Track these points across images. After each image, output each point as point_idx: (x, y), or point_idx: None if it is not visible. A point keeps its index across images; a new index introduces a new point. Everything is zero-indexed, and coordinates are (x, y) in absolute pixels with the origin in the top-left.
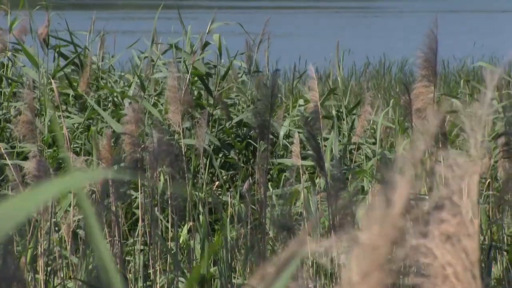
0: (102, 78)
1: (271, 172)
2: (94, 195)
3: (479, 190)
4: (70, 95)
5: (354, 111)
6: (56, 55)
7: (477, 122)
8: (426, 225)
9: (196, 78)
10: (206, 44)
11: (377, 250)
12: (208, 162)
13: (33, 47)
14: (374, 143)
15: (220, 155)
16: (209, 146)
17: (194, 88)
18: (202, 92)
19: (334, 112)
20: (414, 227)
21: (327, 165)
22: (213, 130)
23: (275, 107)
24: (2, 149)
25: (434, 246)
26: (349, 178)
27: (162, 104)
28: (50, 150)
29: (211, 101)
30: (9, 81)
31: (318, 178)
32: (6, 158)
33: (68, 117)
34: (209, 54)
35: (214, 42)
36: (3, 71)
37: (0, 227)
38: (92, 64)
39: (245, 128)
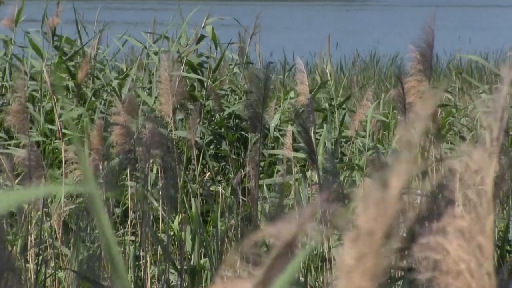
0: (99, 70)
1: (262, 164)
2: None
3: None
4: (70, 86)
5: (344, 105)
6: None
7: (493, 117)
8: (436, 220)
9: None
10: (202, 37)
11: (373, 234)
12: (200, 153)
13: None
14: (365, 137)
15: (211, 147)
16: (201, 138)
17: (187, 80)
18: (195, 84)
19: (325, 105)
20: (425, 222)
21: (319, 158)
22: (205, 121)
23: (268, 100)
24: None
25: (446, 242)
26: (341, 172)
27: (156, 97)
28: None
29: (204, 93)
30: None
31: (309, 170)
32: None
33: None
34: (202, 46)
35: (208, 34)
36: None
37: None
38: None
39: (237, 120)
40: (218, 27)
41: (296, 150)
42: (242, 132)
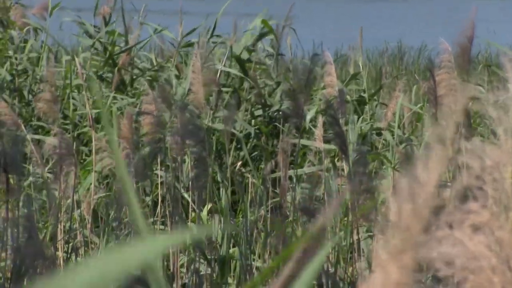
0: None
1: (294, 155)
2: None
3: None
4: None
5: (375, 97)
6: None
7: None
8: (451, 215)
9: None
10: (263, 34)
11: (408, 229)
12: (234, 145)
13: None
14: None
15: (250, 139)
16: (240, 131)
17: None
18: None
19: (356, 97)
20: (440, 216)
21: (350, 149)
22: (246, 113)
23: (309, 92)
24: (23, 127)
25: (465, 237)
26: (370, 164)
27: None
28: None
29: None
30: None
31: (339, 161)
32: (25, 133)
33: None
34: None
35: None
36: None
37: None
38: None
39: (271, 110)
40: (242, 18)
41: (327, 141)
42: (276, 124)
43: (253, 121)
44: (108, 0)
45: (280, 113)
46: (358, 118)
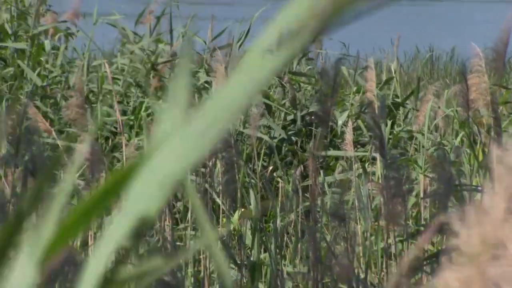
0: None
1: (326, 160)
2: None
3: None
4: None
5: (408, 102)
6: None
7: None
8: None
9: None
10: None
11: (477, 256)
12: (264, 150)
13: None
14: (429, 133)
15: (284, 144)
16: (272, 138)
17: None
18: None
19: (389, 102)
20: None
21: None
22: (279, 119)
23: (337, 95)
24: (54, 132)
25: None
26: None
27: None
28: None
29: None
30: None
31: (370, 166)
32: (57, 140)
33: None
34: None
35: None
36: (56, 54)
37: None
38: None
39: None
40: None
41: (361, 145)
42: (310, 127)
43: (286, 126)
44: (151, 8)
45: (313, 117)
46: (392, 123)
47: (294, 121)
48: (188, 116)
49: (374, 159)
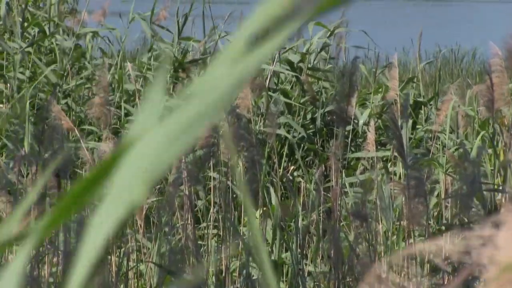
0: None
1: (348, 159)
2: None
3: None
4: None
5: (431, 102)
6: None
7: None
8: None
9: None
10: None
11: None
12: (287, 149)
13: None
14: (451, 133)
15: (304, 142)
16: (293, 136)
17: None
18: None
19: (412, 101)
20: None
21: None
22: (299, 118)
23: (354, 95)
24: (77, 131)
25: None
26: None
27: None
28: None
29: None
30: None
31: (392, 166)
32: (80, 139)
33: None
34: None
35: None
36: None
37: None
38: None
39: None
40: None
41: (381, 145)
42: (331, 127)
43: (306, 124)
44: (166, 5)
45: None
46: (414, 123)
47: (313, 119)
48: (172, 107)
49: (396, 158)
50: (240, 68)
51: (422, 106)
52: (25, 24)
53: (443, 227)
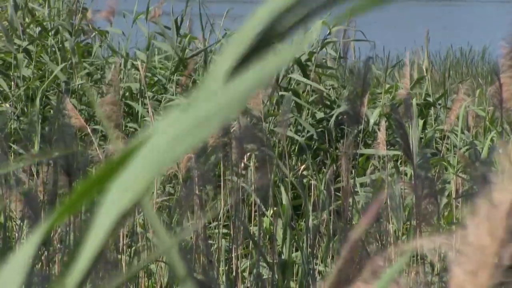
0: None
1: (358, 159)
2: (177, 178)
3: None
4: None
5: (440, 101)
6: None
7: None
8: None
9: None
10: (326, 43)
11: (485, 249)
12: (297, 148)
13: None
14: (462, 133)
15: (313, 142)
16: (301, 135)
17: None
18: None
19: (421, 101)
20: None
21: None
22: (307, 117)
23: (367, 95)
24: (88, 129)
25: None
26: (435, 168)
27: None
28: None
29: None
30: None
31: (402, 165)
32: (93, 138)
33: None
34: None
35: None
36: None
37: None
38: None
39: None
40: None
41: (391, 144)
42: (342, 127)
43: (315, 124)
44: (159, 3)
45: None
46: (424, 122)
47: (322, 119)
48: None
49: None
50: (256, 70)
51: (432, 106)
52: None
53: (454, 227)
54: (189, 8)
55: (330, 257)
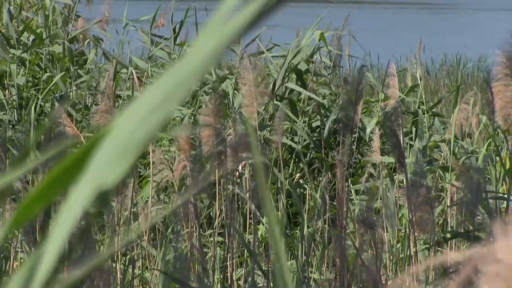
0: None
1: (353, 167)
2: (171, 186)
3: None
4: None
5: (434, 109)
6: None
7: None
8: None
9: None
10: (317, 49)
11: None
12: (293, 156)
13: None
14: (455, 141)
15: (309, 150)
16: (297, 143)
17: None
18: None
19: (415, 110)
20: None
21: (408, 161)
22: (304, 125)
23: (360, 103)
24: (82, 137)
25: None
26: (428, 176)
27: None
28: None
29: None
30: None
31: (397, 174)
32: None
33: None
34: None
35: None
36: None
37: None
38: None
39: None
40: (296, 28)
41: (387, 153)
42: (336, 135)
43: (311, 132)
44: (166, 11)
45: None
46: (416, 131)
47: (318, 127)
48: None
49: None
50: (217, 38)
51: (425, 114)
52: (20, 30)
53: (448, 235)
54: (188, 17)
55: (325, 265)
